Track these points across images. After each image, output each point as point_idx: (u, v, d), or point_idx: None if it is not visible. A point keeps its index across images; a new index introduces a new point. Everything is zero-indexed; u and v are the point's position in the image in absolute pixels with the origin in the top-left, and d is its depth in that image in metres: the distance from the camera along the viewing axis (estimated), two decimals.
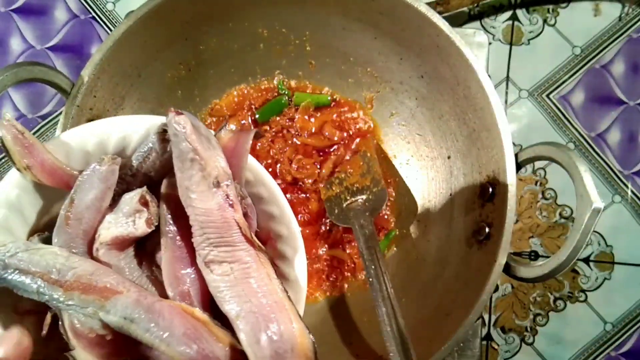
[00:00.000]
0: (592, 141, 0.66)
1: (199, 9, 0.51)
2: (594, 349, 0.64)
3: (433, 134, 0.57)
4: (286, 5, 0.53)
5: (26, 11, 0.67)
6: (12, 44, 0.66)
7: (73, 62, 0.66)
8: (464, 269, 0.50)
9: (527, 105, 0.66)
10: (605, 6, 0.66)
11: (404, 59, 0.54)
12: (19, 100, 0.66)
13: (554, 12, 0.67)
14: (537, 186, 0.65)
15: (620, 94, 0.66)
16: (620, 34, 0.66)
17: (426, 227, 0.58)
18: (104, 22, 0.66)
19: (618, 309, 0.65)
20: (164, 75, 0.54)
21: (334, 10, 0.52)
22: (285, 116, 0.59)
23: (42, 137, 0.66)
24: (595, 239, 0.65)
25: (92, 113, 0.48)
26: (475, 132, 0.51)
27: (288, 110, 0.59)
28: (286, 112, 0.59)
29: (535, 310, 0.65)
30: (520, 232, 0.65)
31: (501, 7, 0.66)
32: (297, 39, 0.57)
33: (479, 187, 0.51)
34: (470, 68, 0.47)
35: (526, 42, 0.66)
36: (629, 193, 0.65)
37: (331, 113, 0.60)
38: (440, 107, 0.55)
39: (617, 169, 0.65)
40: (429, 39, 0.49)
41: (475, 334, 0.59)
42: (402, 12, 0.49)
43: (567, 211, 0.65)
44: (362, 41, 0.55)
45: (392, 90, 0.58)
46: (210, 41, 0.55)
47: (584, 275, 0.65)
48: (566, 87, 0.66)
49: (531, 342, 0.65)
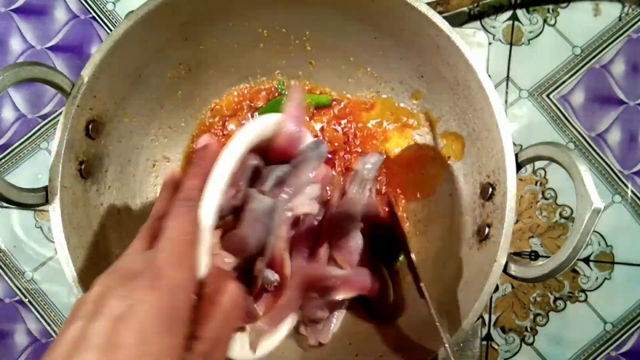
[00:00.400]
0: (592, 141, 0.66)
1: (199, 9, 0.51)
2: (594, 349, 0.64)
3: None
4: (286, 5, 0.53)
5: (26, 11, 0.67)
6: (12, 44, 0.66)
7: (73, 62, 0.66)
8: (464, 269, 0.50)
9: (527, 105, 0.66)
10: (605, 6, 0.66)
11: (404, 58, 0.54)
12: (19, 100, 0.66)
13: (554, 12, 0.67)
14: (537, 186, 0.65)
15: (620, 94, 0.66)
16: (620, 34, 0.66)
17: (426, 227, 0.58)
18: (104, 22, 0.67)
19: (618, 309, 0.65)
20: (164, 75, 0.54)
21: (334, 10, 0.52)
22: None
23: (42, 137, 0.66)
24: (596, 239, 0.65)
25: (92, 113, 0.48)
26: (475, 132, 0.51)
27: None
28: None
29: (535, 310, 0.65)
30: (520, 232, 0.65)
31: (501, 7, 0.66)
32: (297, 39, 0.57)
33: (479, 187, 0.51)
34: (470, 68, 0.47)
35: (526, 42, 0.66)
36: (629, 193, 0.65)
37: (332, 113, 0.60)
38: (440, 107, 0.55)
39: (617, 169, 0.65)
40: (429, 38, 0.49)
41: (475, 334, 0.59)
42: (402, 12, 0.49)
43: (567, 211, 0.65)
44: (362, 41, 0.55)
45: (392, 90, 0.58)
46: (210, 41, 0.55)
47: (584, 275, 0.65)
48: (566, 87, 0.66)
49: (531, 342, 0.65)
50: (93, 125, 0.48)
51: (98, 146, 0.50)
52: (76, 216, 0.47)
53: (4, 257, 0.65)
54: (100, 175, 0.51)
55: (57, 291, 0.64)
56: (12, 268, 0.65)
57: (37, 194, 0.45)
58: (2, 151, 0.65)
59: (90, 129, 0.48)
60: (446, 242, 0.55)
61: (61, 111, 0.46)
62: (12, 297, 0.65)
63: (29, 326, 0.64)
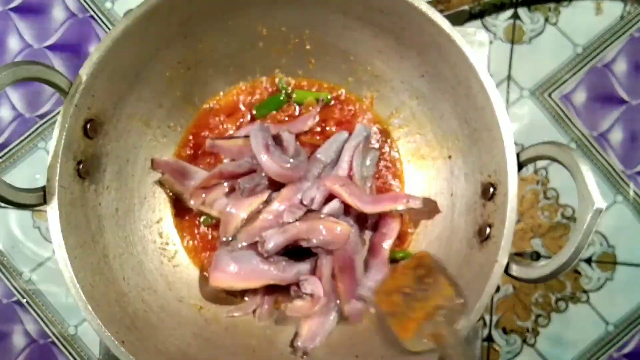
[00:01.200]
0: (594, 141, 0.65)
1: (198, 8, 0.50)
2: (595, 350, 0.64)
3: (434, 133, 0.57)
4: (286, 3, 0.53)
5: (24, 10, 0.66)
6: (10, 42, 0.66)
7: (71, 61, 0.66)
8: (465, 270, 0.50)
9: (528, 105, 0.66)
10: (607, 5, 0.66)
11: (405, 57, 0.54)
12: (17, 100, 0.66)
13: (555, 10, 0.66)
14: (538, 186, 0.65)
15: (622, 93, 0.66)
16: (622, 33, 0.66)
17: (427, 228, 0.58)
18: (102, 21, 0.66)
19: (620, 310, 0.64)
20: (162, 74, 0.54)
21: (334, 8, 0.52)
22: (284, 113, 0.59)
23: (40, 136, 0.65)
24: (597, 239, 0.65)
25: (90, 112, 0.48)
26: (476, 131, 0.51)
27: (287, 108, 0.59)
28: (285, 109, 0.59)
29: (536, 311, 0.65)
30: (522, 232, 0.65)
31: (502, 5, 0.66)
32: (297, 38, 0.57)
33: (480, 187, 0.51)
34: (471, 67, 0.47)
35: (527, 41, 0.66)
36: (631, 193, 0.65)
37: (332, 111, 0.60)
38: (441, 106, 0.55)
39: (619, 168, 0.65)
40: (429, 37, 0.49)
41: (476, 335, 0.59)
42: (402, 10, 0.49)
43: (569, 211, 0.65)
44: (363, 40, 0.55)
45: (393, 90, 0.58)
46: (209, 40, 0.55)
47: (586, 275, 0.65)
48: (568, 86, 0.66)
49: (533, 343, 0.64)
50: (91, 124, 0.48)
51: (96, 146, 0.50)
52: (74, 216, 0.47)
53: (2, 257, 0.64)
54: (99, 175, 0.51)
55: (55, 292, 0.64)
56: (9, 268, 0.64)
57: (35, 194, 0.45)
58: (2, 148, 0.65)
59: (88, 129, 0.48)
60: (447, 242, 0.54)
61: (59, 110, 0.46)
62: (10, 297, 0.64)
63: (27, 327, 0.64)
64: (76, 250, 0.46)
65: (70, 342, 0.64)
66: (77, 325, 0.64)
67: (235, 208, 0.54)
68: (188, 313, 0.54)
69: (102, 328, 0.44)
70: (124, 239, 0.53)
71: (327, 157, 0.56)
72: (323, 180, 0.54)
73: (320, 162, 0.56)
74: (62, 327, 0.64)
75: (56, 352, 0.64)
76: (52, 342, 0.64)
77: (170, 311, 0.53)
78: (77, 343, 0.64)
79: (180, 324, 0.53)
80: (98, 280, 0.48)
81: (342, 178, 0.54)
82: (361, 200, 0.53)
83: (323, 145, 0.57)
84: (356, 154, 0.56)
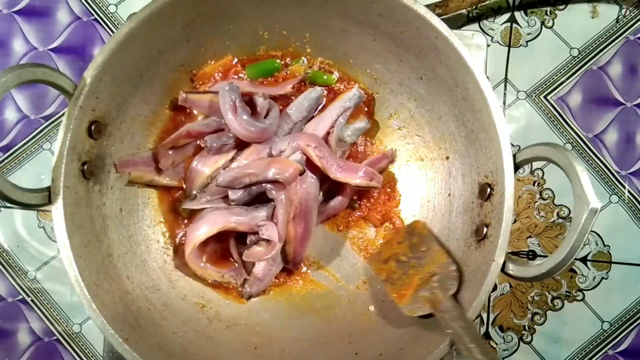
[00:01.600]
0: (590, 142, 0.66)
1: (201, 11, 0.51)
2: (591, 348, 0.65)
3: (432, 135, 0.58)
4: (286, 7, 0.53)
5: (29, 13, 0.67)
6: (14, 45, 0.67)
7: (75, 63, 0.67)
8: (462, 269, 0.51)
9: (525, 107, 0.66)
10: (602, 8, 0.67)
11: (403, 60, 0.55)
12: (22, 102, 0.66)
13: (551, 14, 0.67)
14: (535, 186, 0.66)
15: (617, 95, 0.66)
16: (617, 36, 0.67)
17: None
18: (106, 24, 0.67)
19: (615, 308, 0.65)
20: (165, 76, 0.55)
21: (334, 12, 0.53)
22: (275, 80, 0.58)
23: (45, 137, 0.66)
24: (593, 239, 0.65)
25: (95, 114, 0.49)
26: (473, 133, 0.51)
27: (278, 75, 0.58)
28: (276, 75, 0.58)
29: (533, 310, 0.65)
30: (518, 232, 0.65)
31: (499, 9, 0.67)
32: (297, 41, 0.57)
33: (477, 188, 0.52)
34: (468, 70, 0.48)
35: (524, 44, 0.67)
36: (625, 193, 0.66)
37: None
38: (439, 108, 0.55)
39: (614, 169, 0.66)
40: (427, 41, 0.50)
41: None
42: (401, 14, 0.49)
43: (565, 211, 0.65)
44: (362, 43, 0.55)
45: (392, 92, 0.59)
46: (211, 43, 0.55)
47: (582, 274, 0.65)
48: (564, 88, 0.66)
49: (529, 341, 0.65)
50: (95, 126, 0.49)
51: (100, 147, 0.51)
52: (79, 216, 0.48)
53: (7, 256, 0.65)
54: (103, 176, 0.52)
55: (60, 290, 0.65)
56: (15, 268, 0.65)
57: (40, 194, 0.46)
58: (5, 152, 0.66)
59: (92, 130, 0.49)
60: (445, 241, 0.55)
61: (64, 112, 0.46)
62: (15, 296, 0.65)
63: (32, 325, 0.65)
64: (81, 250, 0.47)
65: (74, 340, 0.65)
66: (82, 323, 0.65)
67: (202, 164, 0.56)
68: (191, 311, 0.55)
69: (106, 326, 0.45)
70: (128, 239, 0.54)
71: (298, 115, 0.56)
72: (297, 138, 0.54)
73: (290, 120, 0.56)
74: (66, 325, 0.65)
75: (61, 350, 0.65)
76: (57, 339, 0.65)
77: (173, 309, 0.54)
78: (81, 341, 0.64)
79: (183, 322, 0.53)
80: (102, 279, 0.48)
81: (316, 139, 0.54)
82: (329, 165, 0.53)
83: (295, 101, 0.57)
84: (343, 115, 0.56)
